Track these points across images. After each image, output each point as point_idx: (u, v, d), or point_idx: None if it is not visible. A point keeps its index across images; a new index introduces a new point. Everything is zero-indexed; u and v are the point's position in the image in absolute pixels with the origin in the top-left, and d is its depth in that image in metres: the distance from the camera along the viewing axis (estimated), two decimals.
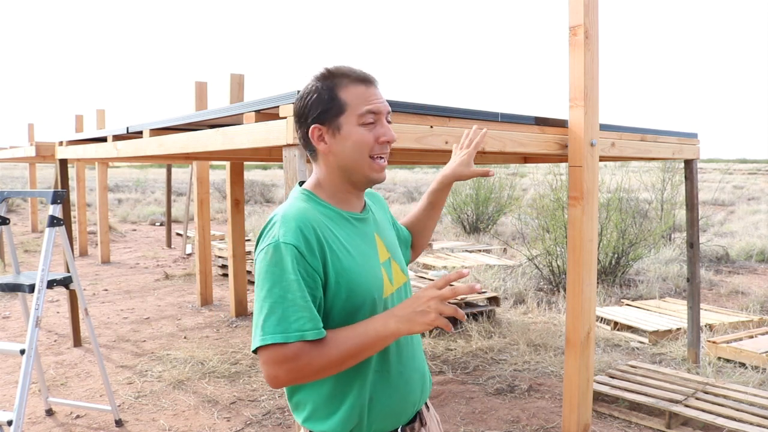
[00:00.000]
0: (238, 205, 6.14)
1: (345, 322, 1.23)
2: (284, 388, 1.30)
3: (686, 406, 3.45)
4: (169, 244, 11.12)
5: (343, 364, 1.17)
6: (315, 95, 1.27)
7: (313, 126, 1.28)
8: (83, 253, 9.95)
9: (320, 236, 1.21)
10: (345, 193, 1.32)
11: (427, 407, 1.46)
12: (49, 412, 3.63)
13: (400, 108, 2.48)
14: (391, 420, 1.31)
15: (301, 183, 1.39)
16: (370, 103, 1.27)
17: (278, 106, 2.31)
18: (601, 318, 5.65)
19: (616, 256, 7.47)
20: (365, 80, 1.29)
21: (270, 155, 4.76)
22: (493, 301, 5.73)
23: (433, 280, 6.64)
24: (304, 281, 1.16)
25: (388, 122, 1.31)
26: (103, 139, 4.45)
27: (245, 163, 7.90)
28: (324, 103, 1.26)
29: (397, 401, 1.31)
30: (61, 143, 5.03)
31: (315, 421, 1.27)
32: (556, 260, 7.18)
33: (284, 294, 1.15)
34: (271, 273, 1.16)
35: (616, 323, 5.49)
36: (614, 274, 7.43)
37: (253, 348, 1.17)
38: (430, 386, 1.45)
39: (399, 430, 1.34)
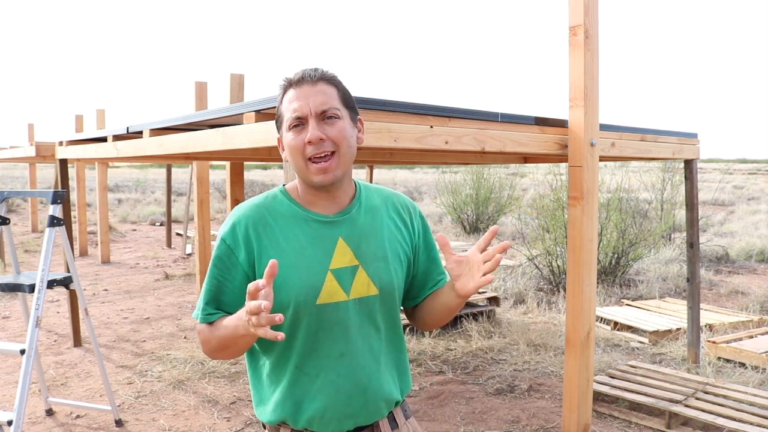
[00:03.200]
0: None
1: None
2: None
3: (686, 406, 3.45)
4: (169, 244, 11.12)
5: (221, 350, 1.28)
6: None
7: (277, 136, 1.36)
8: (83, 253, 9.95)
9: (251, 233, 1.29)
10: (311, 196, 1.32)
11: (395, 426, 1.39)
12: (49, 412, 3.63)
13: (400, 108, 2.48)
14: (321, 424, 1.30)
15: None
16: (292, 107, 1.26)
17: (278, 106, 2.30)
18: (601, 318, 5.65)
19: (616, 256, 7.47)
20: (293, 82, 1.28)
21: (270, 155, 4.75)
22: (493, 301, 5.73)
23: None
24: (221, 272, 1.30)
25: (330, 117, 1.25)
26: (103, 139, 4.45)
27: (245, 163, 7.89)
28: (276, 114, 1.33)
29: (324, 407, 1.29)
30: (61, 143, 5.03)
31: (257, 405, 1.37)
32: (556, 260, 7.18)
33: (208, 281, 1.32)
34: (211, 260, 1.35)
35: (616, 323, 5.49)
36: (614, 274, 7.43)
37: None
38: (387, 409, 1.36)
39: None
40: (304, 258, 1.27)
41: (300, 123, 1.25)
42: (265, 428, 1.38)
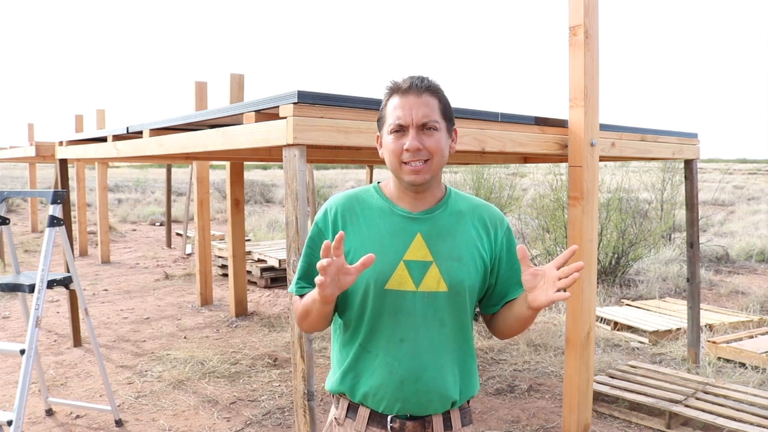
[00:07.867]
0: (238, 205, 6.14)
1: (349, 294, 1.41)
2: None
3: (686, 406, 3.45)
4: (169, 244, 11.12)
5: (304, 317, 1.41)
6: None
7: (377, 134, 1.47)
8: (83, 253, 9.95)
9: (339, 219, 1.43)
10: (400, 192, 1.44)
11: (449, 427, 1.42)
12: (49, 412, 3.63)
13: None
14: (373, 401, 1.40)
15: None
16: (396, 114, 1.37)
17: (278, 106, 2.30)
18: (601, 318, 5.65)
19: (616, 256, 7.47)
20: (399, 90, 1.38)
21: (270, 155, 4.76)
22: None
23: None
24: (312, 251, 1.45)
25: (429, 129, 1.36)
26: (103, 139, 4.45)
27: (245, 163, 7.89)
28: (379, 114, 1.45)
29: (378, 386, 1.39)
30: (61, 143, 5.03)
31: (329, 376, 1.51)
32: None
33: (302, 259, 1.48)
34: (305, 241, 1.50)
35: (616, 323, 5.49)
36: (614, 274, 7.43)
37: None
38: (441, 405, 1.39)
39: (388, 418, 1.40)
40: (381, 246, 1.39)
41: (401, 129, 1.36)
42: (332, 398, 1.53)
